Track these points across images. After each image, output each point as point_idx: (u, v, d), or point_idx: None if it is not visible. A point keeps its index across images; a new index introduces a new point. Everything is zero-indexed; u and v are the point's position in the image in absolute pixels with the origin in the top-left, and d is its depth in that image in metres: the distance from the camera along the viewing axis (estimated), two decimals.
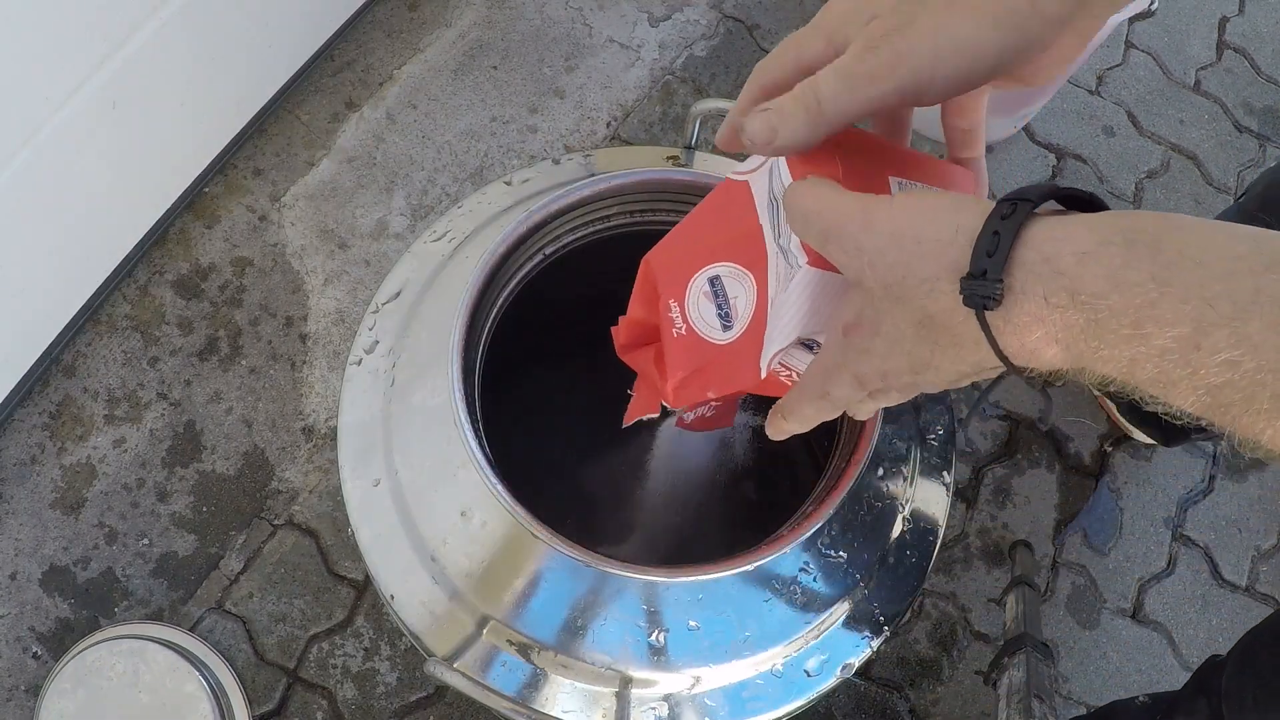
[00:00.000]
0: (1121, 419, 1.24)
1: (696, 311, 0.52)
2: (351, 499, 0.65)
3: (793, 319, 0.47)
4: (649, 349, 0.57)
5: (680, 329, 0.52)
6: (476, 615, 0.62)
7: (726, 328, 0.50)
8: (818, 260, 0.43)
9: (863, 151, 0.45)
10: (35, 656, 1.08)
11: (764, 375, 0.50)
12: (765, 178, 0.48)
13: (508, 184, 0.76)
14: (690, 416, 0.65)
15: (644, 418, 0.63)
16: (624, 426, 0.65)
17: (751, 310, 0.49)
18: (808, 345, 0.49)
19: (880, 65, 0.37)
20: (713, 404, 0.64)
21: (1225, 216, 0.99)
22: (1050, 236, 0.34)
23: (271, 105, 1.29)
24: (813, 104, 0.39)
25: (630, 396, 0.63)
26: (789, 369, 0.50)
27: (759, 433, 0.93)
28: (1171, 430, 1.12)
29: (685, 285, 0.51)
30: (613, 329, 0.57)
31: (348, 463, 0.66)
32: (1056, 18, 0.37)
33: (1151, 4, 1.03)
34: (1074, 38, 0.38)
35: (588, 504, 0.94)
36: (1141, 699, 0.95)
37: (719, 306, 0.50)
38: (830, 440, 0.66)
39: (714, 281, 0.50)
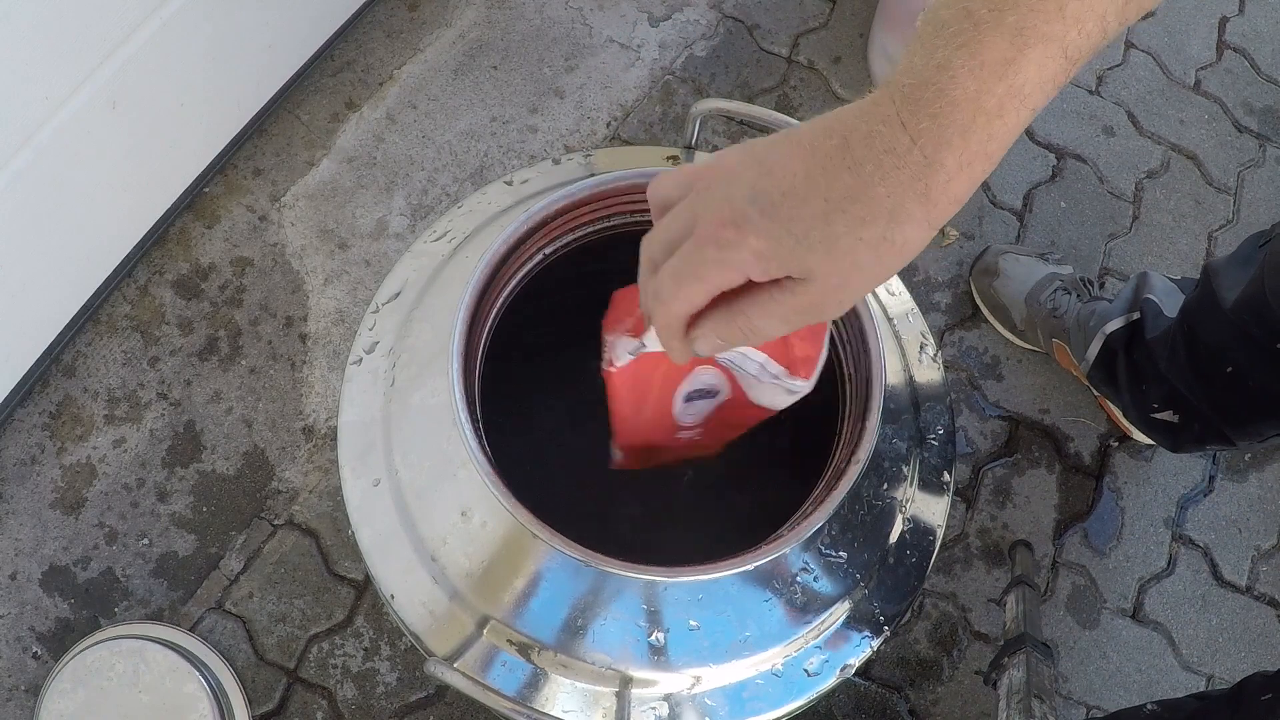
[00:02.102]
0: (1124, 420, 1.24)
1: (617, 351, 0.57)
2: (351, 499, 0.65)
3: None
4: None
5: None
6: (476, 615, 0.62)
7: None
8: None
9: None
10: (35, 656, 1.08)
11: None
12: None
13: (508, 184, 0.76)
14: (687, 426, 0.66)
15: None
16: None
17: None
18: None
19: (709, 271, 0.41)
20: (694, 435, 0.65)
21: (1241, 262, 0.99)
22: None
23: (271, 105, 1.29)
24: (657, 305, 0.44)
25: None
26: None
27: (759, 433, 0.93)
28: (1181, 437, 1.11)
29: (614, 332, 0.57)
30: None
31: (348, 463, 0.66)
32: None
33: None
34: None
35: (588, 504, 0.94)
36: (1150, 707, 0.94)
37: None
38: (830, 440, 0.66)
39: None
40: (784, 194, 0.38)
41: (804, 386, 0.52)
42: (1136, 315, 1.10)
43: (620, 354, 0.56)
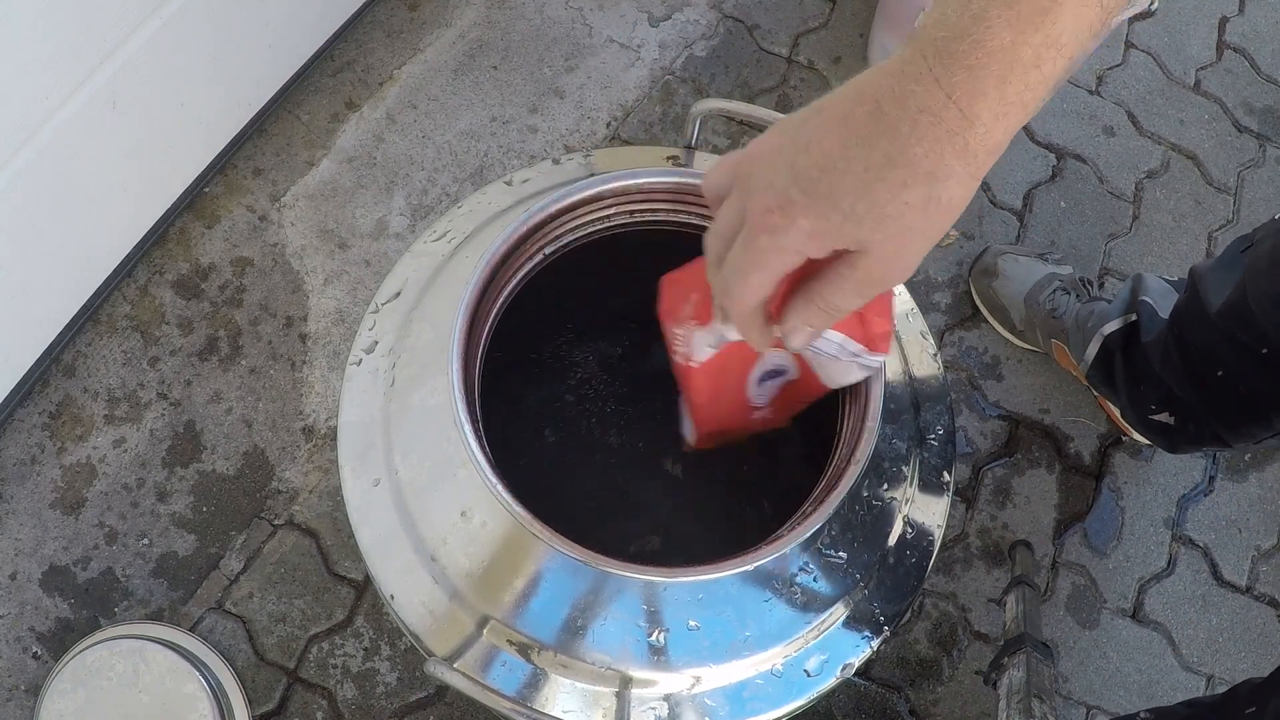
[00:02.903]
0: (1123, 421, 1.24)
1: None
2: (351, 499, 0.65)
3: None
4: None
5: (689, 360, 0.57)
6: (476, 615, 0.62)
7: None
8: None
9: None
10: (35, 656, 1.08)
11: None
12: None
13: (508, 184, 0.76)
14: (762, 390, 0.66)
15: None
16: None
17: None
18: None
19: (767, 258, 0.42)
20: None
21: (1223, 270, 0.99)
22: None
23: (271, 105, 1.29)
24: (726, 297, 0.45)
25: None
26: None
27: (760, 435, 0.93)
28: (1177, 439, 1.12)
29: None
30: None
31: (348, 463, 0.66)
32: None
33: (1151, 4, 1.03)
34: None
35: (588, 504, 0.94)
36: (1143, 715, 0.95)
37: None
38: (830, 440, 0.66)
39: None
40: (822, 170, 0.38)
41: (879, 361, 0.53)
42: (1134, 317, 1.11)
43: (700, 348, 0.56)
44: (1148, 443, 1.24)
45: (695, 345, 0.56)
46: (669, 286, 0.58)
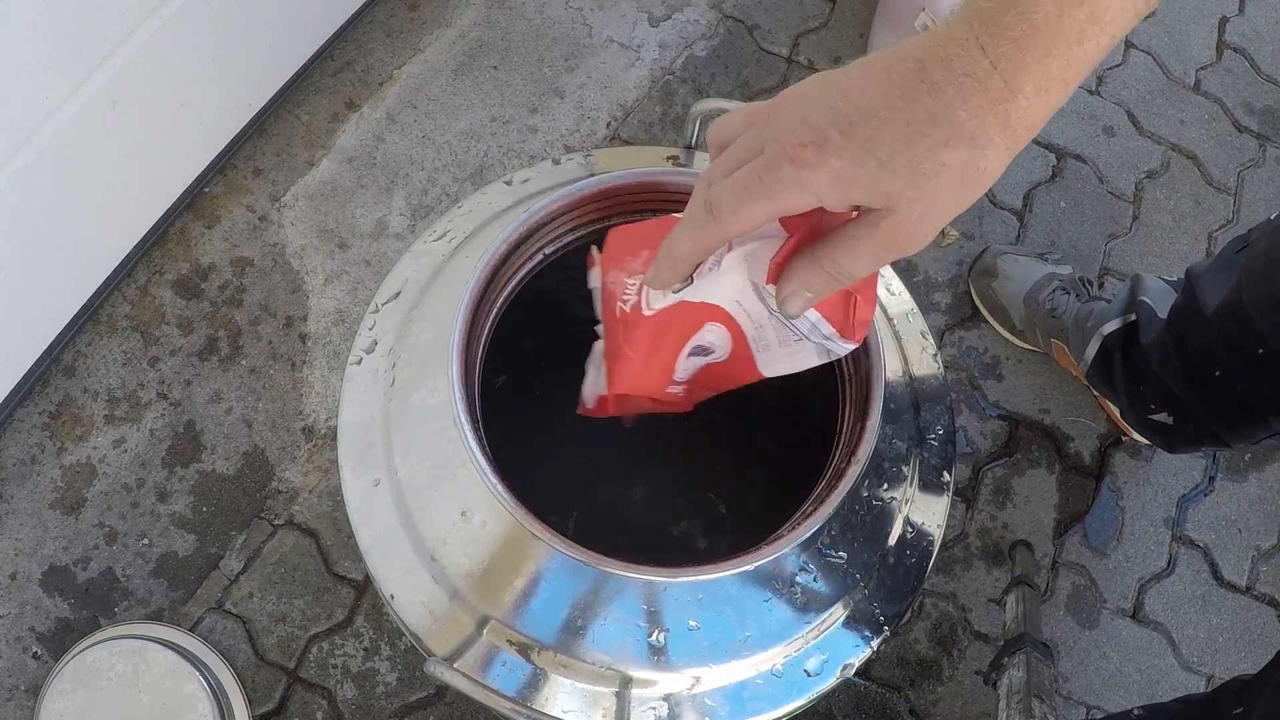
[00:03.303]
0: (1122, 421, 1.24)
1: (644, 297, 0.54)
2: (351, 499, 0.65)
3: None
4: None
5: (627, 306, 0.55)
6: (476, 615, 0.62)
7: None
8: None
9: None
10: (35, 656, 1.08)
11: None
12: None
13: (508, 184, 0.76)
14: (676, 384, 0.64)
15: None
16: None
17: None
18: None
19: (780, 191, 0.39)
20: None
21: (1219, 271, 0.98)
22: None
23: (271, 105, 1.29)
24: (706, 218, 0.42)
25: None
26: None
27: (759, 434, 0.93)
28: (1176, 439, 1.12)
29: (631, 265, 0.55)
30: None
31: (348, 463, 0.66)
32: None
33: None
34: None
35: (588, 504, 0.94)
36: (1136, 713, 0.95)
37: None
38: (830, 440, 0.66)
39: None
40: (862, 114, 0.37)
41: (848, 349, 0.51)
42: (1133, 317, 1.11)
43: (657, 296, 0.52)
44: (1147, 443, 1.24)
45: (652, 293, 0.54)
46: (618, 235, 0.56)
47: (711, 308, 0.52)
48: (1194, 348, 1.00)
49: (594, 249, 0.59)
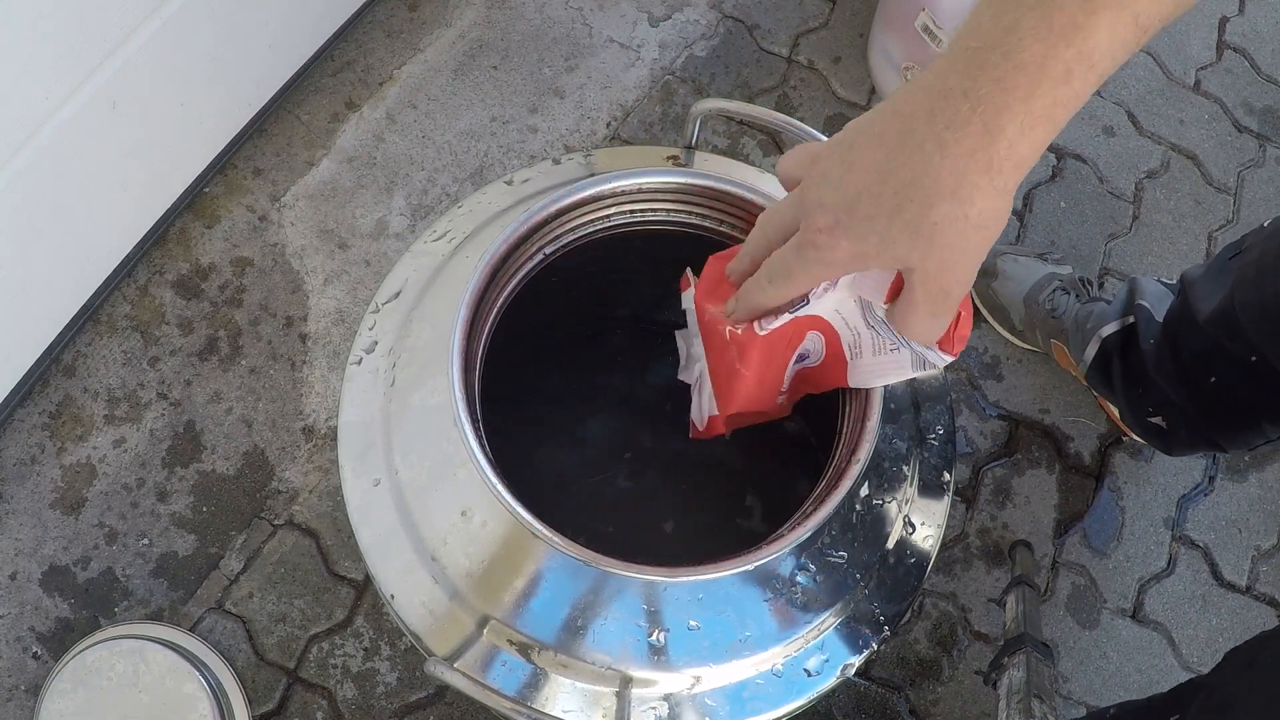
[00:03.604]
0: (1122, 423, 1.24)
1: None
2: (351, 499, 0.65)
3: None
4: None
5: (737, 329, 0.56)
6: (476, 615, 0.62)
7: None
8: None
9: None
10: (35, 656, 1.08)
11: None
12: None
13: (508, 184, 0.76)
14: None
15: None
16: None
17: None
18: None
19: (814, 269, 0.44)
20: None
21: (1214, 276, 0.98)
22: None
23: (271, 105, 1.29)
24: (767, 284, 0.48)
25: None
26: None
27: (759, 434, 0.93)
28: (1172, 441, 1.12)
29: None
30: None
31: (348, 463, 0.66)
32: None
33: None
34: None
35: (588, 503, 0.94)
36: (1112, 712, 0.95)
37: None
38: (830, 440, 0.66)
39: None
40: (859, 193, 0.39)
41: (946, 361, 0.52)
42: (1131, 320, 1.10)
43: (768, 318, 0.55)
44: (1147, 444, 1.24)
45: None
46: (717, 262, 0.57)
47: (814, 318, 0.54)
48: (1188, 354, 1.00)
49: (689, 272, 0.60)
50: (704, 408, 0.65)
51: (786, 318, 0.52)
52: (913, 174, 0.38)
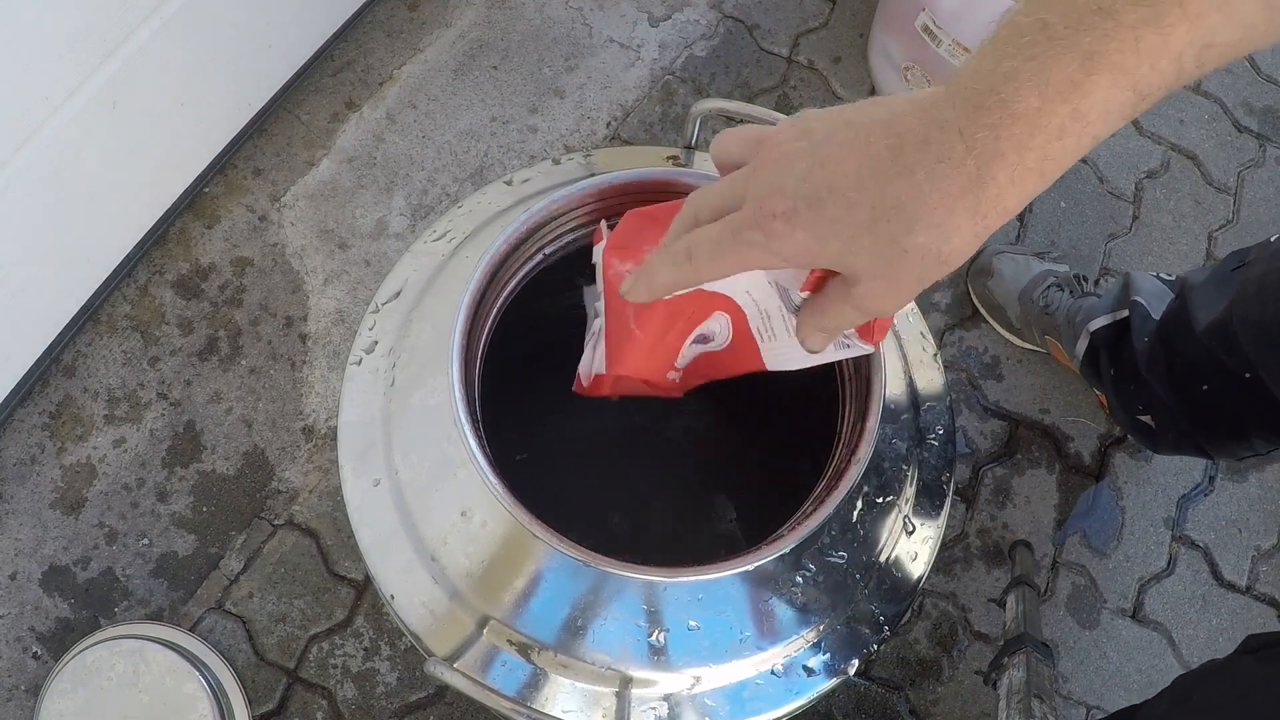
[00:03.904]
0: (1111, 416, 1.24)
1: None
2: (351, 499, 0.65)
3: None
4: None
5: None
6: (476, 615, 0.62)
7: None
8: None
9: None
10: (35, 656, 1.08)
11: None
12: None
13: (508, 184, 0.76)
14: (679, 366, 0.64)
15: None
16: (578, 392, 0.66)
17: None
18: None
19: (750, 253, 0.41)
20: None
21: (1214, 288, 0.97)
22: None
23: (271, 105, 1.29)
24: (684, 260, 0.44)
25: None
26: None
27: (758, 434, 0.93)
28: (1159, 441, 1.11)
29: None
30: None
31: (348, 463, 0.66)
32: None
33: None
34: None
35: (587, 503, 0.94)
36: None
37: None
38: (830, 440, 0.66)
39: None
40: (832, 191, 0.38)
41: (867, 350, 0.51)
42: (1124, 314, 1.09)
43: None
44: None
45: None
46: (633, 219, 0.56)
47: (722, 297, 0.52)
48: (1182, 360, 0.99)
49: (604, 224, 0.59)
50: (593, 364, 0.63)
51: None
52: (898, 195, 0.37)
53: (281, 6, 1.20)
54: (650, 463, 0.95)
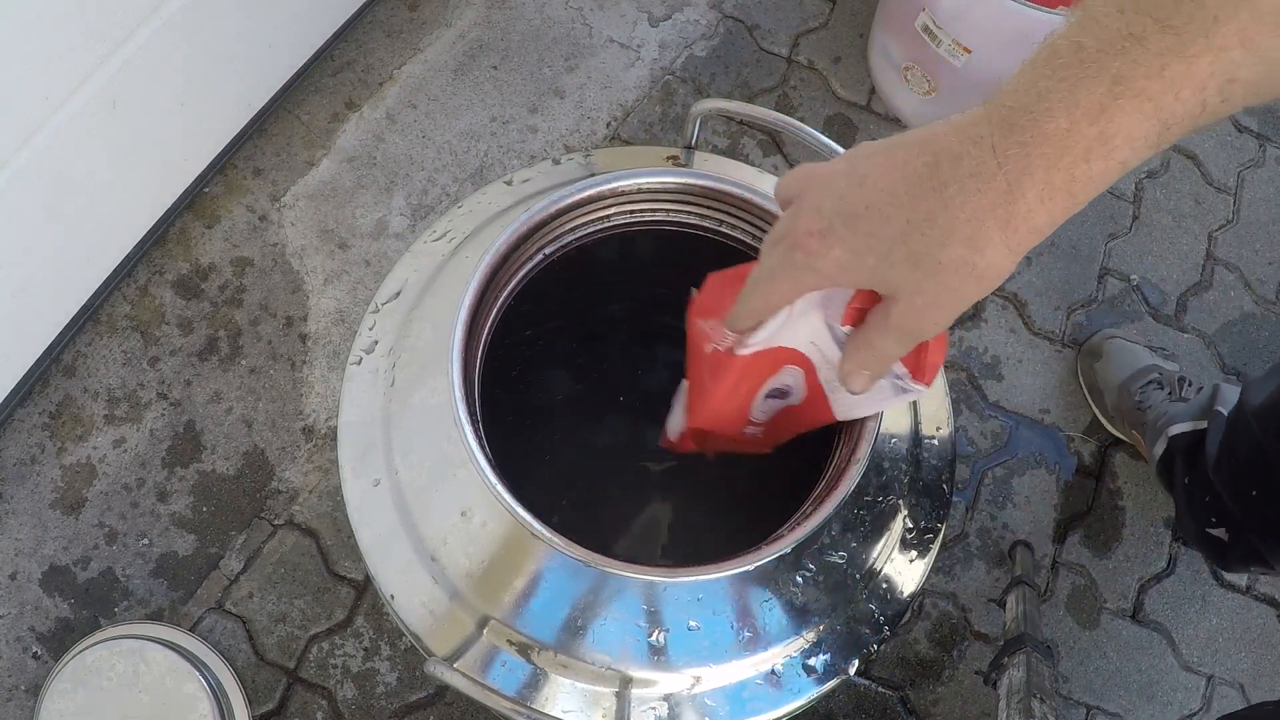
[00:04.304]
0: (1110, 426, 1.24)
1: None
2: (351, 499, 0.65)
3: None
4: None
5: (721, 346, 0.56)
6: (476, 615, 0.62)
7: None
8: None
9: None
10: (35, 656, 1.08)
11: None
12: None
13: (508, 184, 0.76)
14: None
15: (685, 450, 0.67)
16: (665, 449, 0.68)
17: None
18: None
19: (796, 274, 0.43)
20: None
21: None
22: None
23: (271, 105, 1.29)
24: (750, 292, 0.47)
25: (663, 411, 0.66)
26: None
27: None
28: (1228, 556, 1.05)
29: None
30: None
31: (348, 463, 0.66)
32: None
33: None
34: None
35: (588, 504, 0.94)
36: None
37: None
38: (830, 440, 0.66)
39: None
40: (867, 208, 0.39)
41: (921, 391, 0.52)
42: (1204, 425, 1.07)
43: (759, 338, 0.56)
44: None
45: (758, 334, 0.56)
46: (715, 280, 0.57)
47: (789, 351, 0.53)
48: (1238, 458, 0.97)
49: (694, 290, 0.61)
50: (677, 420, 0.66)
51: (763, 344, 0.52)
52: (930, 209, 0.38)
53: (281, 6, 1.20)
54: (650, 462, 0.95)
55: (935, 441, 0.71)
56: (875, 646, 0.65)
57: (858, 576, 0.65)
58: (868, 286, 0.42)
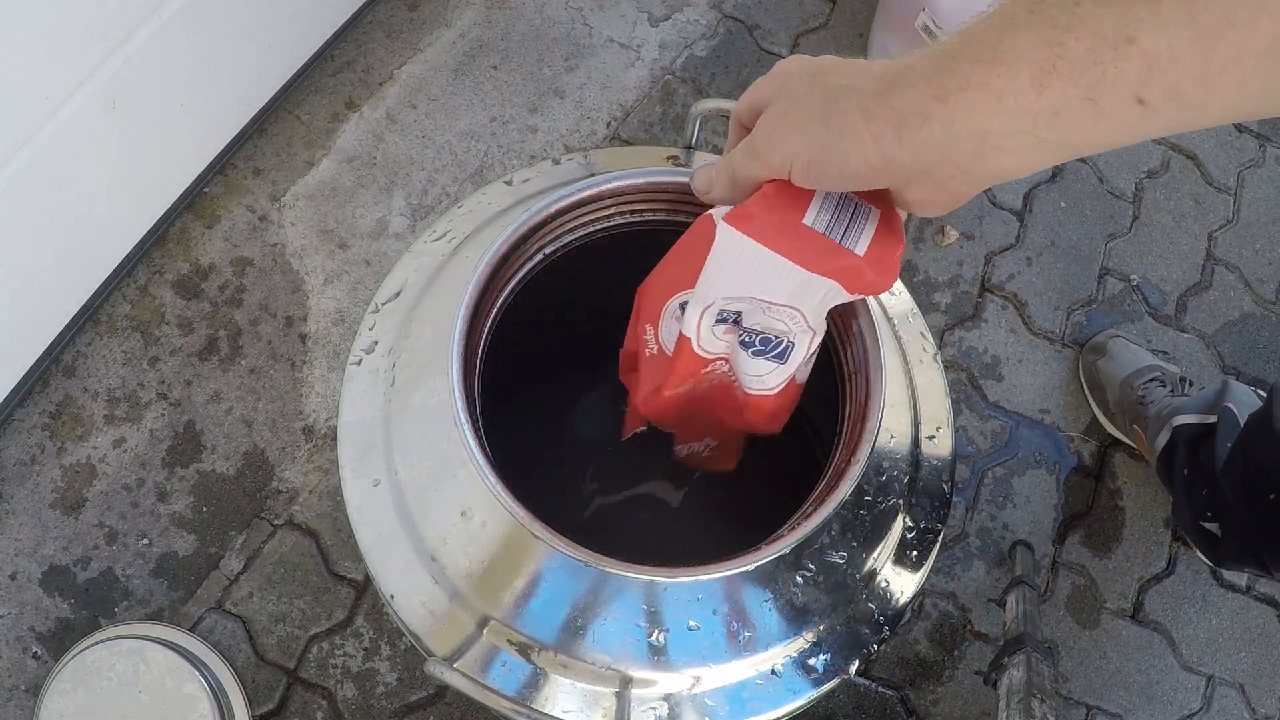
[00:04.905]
0: (1110, 427, 1.24)
1: (667, 333, 0.58)
2: (351, 499, 0.65)
3: (712, 281, 0.51)
4: (635, 373, 0.63)
5: (652, 350, 0.59)
6: (476, 615, 0.62)
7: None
8: (736, 218, 0.48)
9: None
10: (35, 656, 1.08)
11: (693, 339, 0.55)
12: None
13: (508, 184, 0.76)
14: (685, 451, 0.68)
15: (638, 430, 0.70)
16: (621, 439, 0.70)
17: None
18: (725, 319, 0.54)
19: (770, 156, 0.47)
20: (708, 443, 0.70)
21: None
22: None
23: (271, 105, 1.29)
24: (728, 174, 0.50)
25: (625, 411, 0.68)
26: (713, 356, 0.57)
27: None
28: (1221, 551, 1.08)
29: (658, 312, 0.58)
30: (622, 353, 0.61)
31: (348, 463, 0.66)
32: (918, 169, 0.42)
33: None
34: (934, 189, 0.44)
35: (588, 504, 0.94)
36: None
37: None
38: (830, 440, 0.66)
39: (682, 306, 0.56)
40: (807, 94, 0.44)
41: (852, 299, 0.52)
42: (1213, 419, 1.08)
43: (668, 339, 0.58)
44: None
45: (663, 337, 0.58)
46: (641, 291, 0.60)
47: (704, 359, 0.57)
48: (1258, 463, 0.98)
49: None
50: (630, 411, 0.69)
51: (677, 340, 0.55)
52: (844, 106, 0.42)
53: (281, 6, 1.20)
54: (650, 462, 0.95)
55: (935, 441, 0.71)
56: (875, 646, 0.65)
57: (858, 576, 0.65)
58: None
